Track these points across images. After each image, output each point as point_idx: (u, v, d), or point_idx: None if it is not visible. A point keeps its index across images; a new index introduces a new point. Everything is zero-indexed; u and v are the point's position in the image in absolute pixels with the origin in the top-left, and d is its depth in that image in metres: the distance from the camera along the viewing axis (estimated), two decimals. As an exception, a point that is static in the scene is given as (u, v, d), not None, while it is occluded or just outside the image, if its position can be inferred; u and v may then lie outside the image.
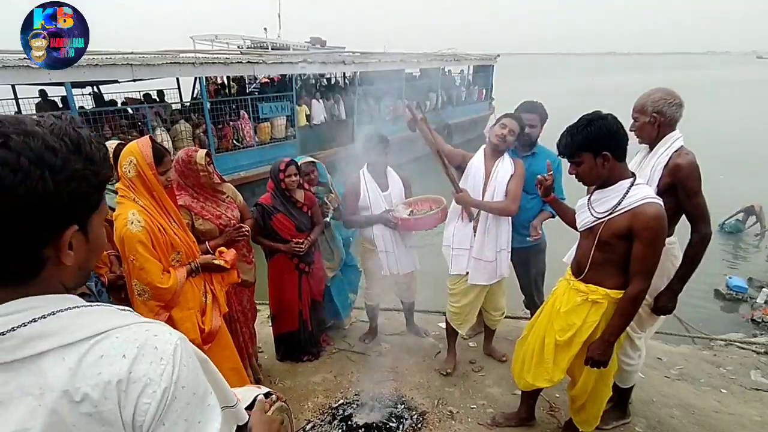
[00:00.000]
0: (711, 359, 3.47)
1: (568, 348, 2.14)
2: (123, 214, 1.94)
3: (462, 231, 2.84)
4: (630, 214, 1.87)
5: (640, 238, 1.86)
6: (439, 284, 3.13)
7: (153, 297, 2.00)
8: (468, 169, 2.80)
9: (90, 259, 0.74)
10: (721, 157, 13.86)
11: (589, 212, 2.02)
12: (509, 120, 2.68)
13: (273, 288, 3.16)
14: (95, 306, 0.70)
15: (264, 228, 2.97)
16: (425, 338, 3.59)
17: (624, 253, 1.93)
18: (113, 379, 0.63)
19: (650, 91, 2.22)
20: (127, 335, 0.66)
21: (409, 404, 2.82)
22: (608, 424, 2.58)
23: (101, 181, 0.69)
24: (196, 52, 10.48)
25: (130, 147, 1.99)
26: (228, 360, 2.31)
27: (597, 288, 2.02)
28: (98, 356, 0.63)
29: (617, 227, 1.90)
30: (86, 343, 0.64)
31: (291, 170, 2.93)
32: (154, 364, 0.65)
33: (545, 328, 2.25)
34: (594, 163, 1.90)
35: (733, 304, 6.12)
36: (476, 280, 2.83)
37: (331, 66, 12.10)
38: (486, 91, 19.03)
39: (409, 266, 3.25)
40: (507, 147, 2.73)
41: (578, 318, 2.08)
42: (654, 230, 1.84)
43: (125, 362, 0.64)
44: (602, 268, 2.01)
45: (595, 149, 1.88)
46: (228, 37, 14.43)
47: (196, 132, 8.86)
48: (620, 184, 1.92)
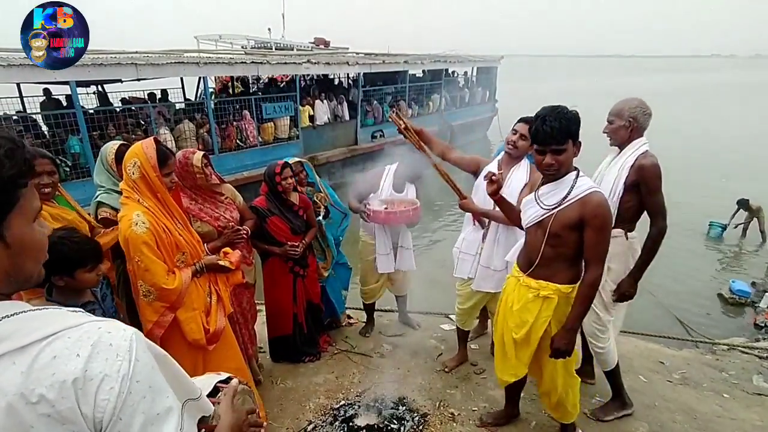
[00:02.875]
0: (713, 364, 3.45)
1: (527, 344, 2.19)
2: (128, 215, 1.95)
3: (472, 236, 2.85)
4: (579, 204, 1.91)
5: (591, 226, 1.90)
6: (441, 287, 3.13)
7: (158, 298, 2.00)
8: (481, 176, 2.72)
9: (18, 264, 0.69)
10: (723, 160, 13.83)
11: (538, 206, 2.03)
12: (520, 125, 2.60)
13: (268, 291, 3.17)
14: (45, 309, 0.70)
15: (259, 231, 2.97)
16: (427, 340, 3.59)
17: (574, 244, 1.98)
18: (68, 378, 0.63)
19: (627, 99, 2.41)
20: (79, 334, 0.66)
21: (410, 406, 2.82)
22: (609, 415, 2.66)
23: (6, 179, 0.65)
24: (200, 51, 10.50)
25: (134, 148, 2.00)
26: (232, 360, 2.32)
27: (547, 284, 2.06)
28: (51, 357, 0.63)
29: (568, 218, 1.93)
30: (37, 345, 0.63)
31: (287, 173, 2.94)
32: (109, 361, 0.65)
33: (502, 326, 2.30)
34: (573, 152, 1.93)
35: (736, 309, 6.09)
36: (482, 287, 2.83)
37: (335, 67, 12.11)
38: (489, 92, 19.02)
39: (407, 266, 3.41)
40: (520, 153, 2.63)
41: (530, 315, 2.11)
42: (603, 217, 1.90)
43: (80, 361, 0.64)
44: (552, 263, 2.04)
45: (576, 137, 1.92)
46: (232, 37, 14.45)
47: (199, 132, 8.90)
48: (569, 176, 1.97)
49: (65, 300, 1.76)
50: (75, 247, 1.71)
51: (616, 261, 2.42)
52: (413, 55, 14.67)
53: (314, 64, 11.04)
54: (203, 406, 0.85)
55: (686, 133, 18.11)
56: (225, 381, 1.04)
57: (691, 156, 13.85)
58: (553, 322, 2.10)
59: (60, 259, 1.66)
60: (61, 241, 1.69)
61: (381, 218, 3.10)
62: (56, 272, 1.69)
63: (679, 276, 6.68)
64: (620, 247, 2.41)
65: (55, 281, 1.72)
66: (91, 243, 1.87)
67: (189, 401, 0.78)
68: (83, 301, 1.83)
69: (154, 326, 2.02)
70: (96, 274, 1.80)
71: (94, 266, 1.78)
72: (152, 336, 2.03)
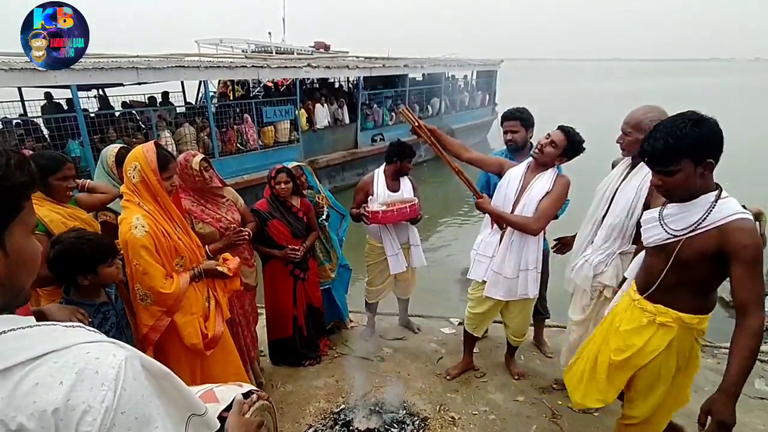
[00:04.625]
0: (715, 367, 3.44)
1: (625, 369, 1.92)
2: (128, 218, 1.95)
3: (489, 238, 2.77)
4: (718, 232, 1.58)
5: (740, 260, 1.55)
6: (444, 291, 3.12)
7: (155, 302, 2.00)
8: (504, 178, 2.66)
9: (15, 273, 0.69)
10: (723, 164, 13.80)
11: (661, 228, 1.74)
12: (556, 132, 2.50)
13: (268, 294, 3.18)
14: (36, 326, 0.67)
15: (260, 234, 2.97)
16: (428, 344, 3.58)
17: (706, 275, 1.68)
18: (49, 408, 0.60)
19: (645, 109, 2.21)
20: (65, 360, 0.63)
21: (410, 410, 2.81)
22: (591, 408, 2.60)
23: (11, 188, 0.66)
24: (200, 55, 10.54)
25: (135, 152, 2.00)
26: (231, 365, 2.31)
27: (667, 310, 1.76)
28: (33, 384, 0.61)
29: (700, 247, 1.62)
30: (21, 369, 0.61)
31: (281, 177, 2.94)
32: (94, 390, 0.62)
33: (599, 346, 2.04)
34: (692, 173, 1.58)
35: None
36: (491, 293, 2.74)
37: (336, 70, 12.14)
38: (489, 96, 19.06)
39: (417, 263, 3.47)
40: (546, 159, 2.52)
41: (640, 339, 1.83)
42: (754, 248, 1.55)
43: (62, 389, 0.61)
44: (675, 290, 1.74)
45: (699, 156, 1.55)
46: (233, 41, 14.51)
47: (200, 135, 8.91)
48: (704, 197, 1.63)
49: (84, 299, 1.78)
50: (93, 245, 1.74)
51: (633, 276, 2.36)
52: (413, 59, 14.72)
53: (314, 68, 11.08)
54: (209, 423, 0.83)
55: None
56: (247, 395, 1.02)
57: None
58: (676, 358, 1.80)
59: (82, 258, 1.69)
60: (79, 240, 1.71)
61: (379, 219, 3.11)
62: (80, 271, 1.71)
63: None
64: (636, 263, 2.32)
65: (80, 281, 1.73)
66: (105, 238, 1.90)
67: (193, 416, 0.77)
68: (100, 301, 1.84)
69: (149, 330, 2.01)
70: (116, 267, 1.83)
71: (113, 260, 1.80)
72: (147, 340, 2.02)
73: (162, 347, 2.10)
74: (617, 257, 2.34)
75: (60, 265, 1.70)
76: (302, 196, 3.14)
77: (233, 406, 0.96)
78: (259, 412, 1.00)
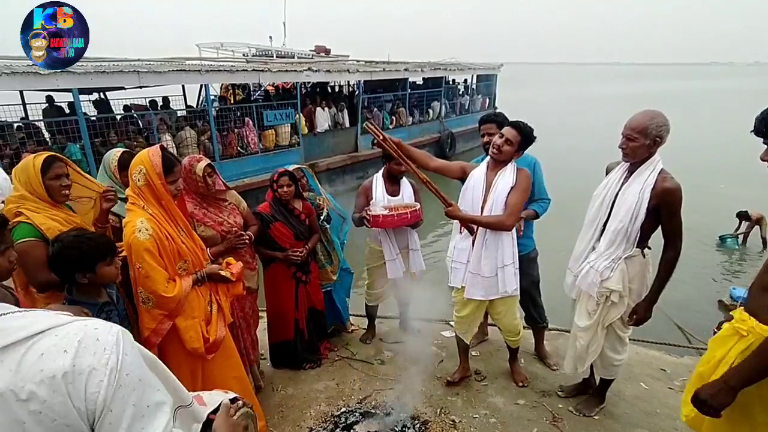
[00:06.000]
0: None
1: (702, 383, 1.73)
2: (132, 221, 1.96)
3: (462, 244, 2.79)
4: None
5: None
6: (444, 294, 3.12)
7: (157, 305, 2.00)
8: (468, 181, 2.71)
9: None
10: (722, 167, 13.84)
11: None
12: (507, 128, 2.59)
13: (269, 297, 3.18)
14: (29, 310, 0.72)
15: (262, 236, 2.98)
16: (428, 347, 3.58)
17: None
18: (58, 373, 0.64)
19: (649, 114, 2.21)
20: (66, 332, 0.68)
21: (411, 413, 2.81)
22: (592, 411, 2.75)
23: None
24: (201, 59, 10.58)
25: (141, 156, 2.02)
26: (233, 369, 2.31)
27: (749, 318, 1.60)
28: (39, 355, 0.65)
29: None
30: (24, 344, 0.65)
31: (283, 181, 2.95)
32: (97, 355, 0.67)
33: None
34: None
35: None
36: (472, 295, 2.76)
37: (336, 74, 12.18)
38: (489, 100, 19.12)
39: (417, 267, 3.45)
40: (505, 157, 2.61)
41: (721, 351, 1.67)
42: None
43: (68, 356, 0.65)
44: (764, 295, 1.59)
45: None
46: (233, 45, 14.57)
47: (200, 139, 8.94)
48: None
49: (86, 299, 1.79)
50: (92, 243, 1.75)
51: (636, 281, 2.37)
52: (413, 63, 14.77)
53: (315, 72, 11.12)
54: (196, 415, 0.86)
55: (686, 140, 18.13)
56: (232, 401, 1.06)
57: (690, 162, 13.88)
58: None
59: (81, 257, 1.71)
60: (78, 239, 1.73)
61: (380, 223, 3.12)
62: (79, 269, 1.73)
63: (679, 283, 6.66)
64: (639, 266, 2.36)
65: (78, 279, 1.75)
66: (103, 237, 1.91)
67: (180, 407, 0.80)
68: (102, 301, 1.85)
69: (151, 334, 2.02)
70: (115, 267, 1.83)
71: (112, 259, 1.81)
72: (149, 344, 2.02)
73: (163, 351, 2.10)
74: (623, 262, 2.34)
75: (59, 263, 1.73)
76: (304, 199, 3.16)
77: (221, 409, 1.00)
78: (243, 417, 1.04)
